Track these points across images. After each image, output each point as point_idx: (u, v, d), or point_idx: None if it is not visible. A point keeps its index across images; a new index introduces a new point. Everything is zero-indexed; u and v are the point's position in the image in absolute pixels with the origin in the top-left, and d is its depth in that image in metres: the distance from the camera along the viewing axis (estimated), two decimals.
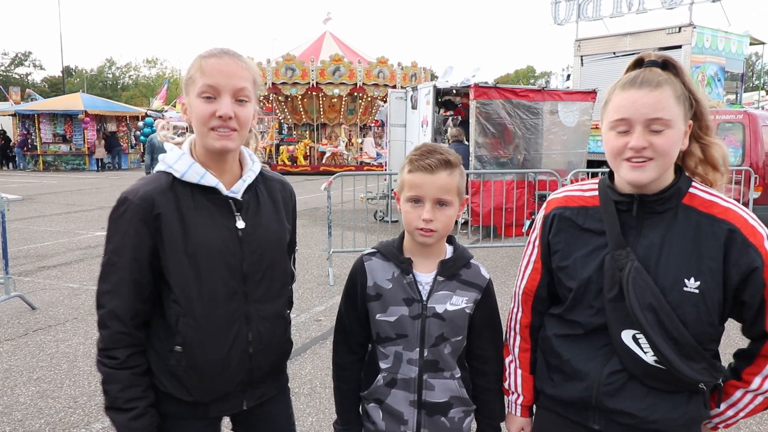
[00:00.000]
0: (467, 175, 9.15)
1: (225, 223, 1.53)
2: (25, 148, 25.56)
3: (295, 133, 25.50)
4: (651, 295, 1.34)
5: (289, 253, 1.74)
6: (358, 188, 10.90)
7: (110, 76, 67.88)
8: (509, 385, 1.68)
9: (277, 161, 22.97)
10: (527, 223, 7.87)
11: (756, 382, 1.42)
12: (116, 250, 1.48)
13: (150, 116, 27.82)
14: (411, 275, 1.59)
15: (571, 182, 7.45)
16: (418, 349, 1.58)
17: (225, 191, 1.54)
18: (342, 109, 24.22)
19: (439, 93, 10.62)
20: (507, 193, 8.26)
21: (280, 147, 23.48)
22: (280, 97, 23.95)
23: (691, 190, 1.39)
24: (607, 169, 1.51)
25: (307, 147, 23.22)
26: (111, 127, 26.59)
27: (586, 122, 10.09)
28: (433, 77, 24.49)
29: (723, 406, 1.47)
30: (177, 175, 1.50)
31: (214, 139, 1.48)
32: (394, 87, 21.75)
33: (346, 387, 1.71)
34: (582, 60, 14.21)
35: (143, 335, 1.53)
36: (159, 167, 1.55)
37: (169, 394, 1.53)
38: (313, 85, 22.42)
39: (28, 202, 14.07)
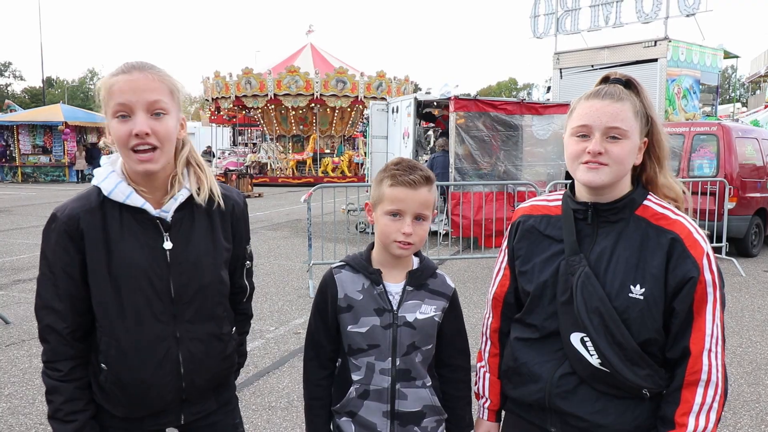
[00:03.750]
0: (448, 187, 9.22)
1: (151, 244, 1.50)
2: (3, 160, 25.21)
3: (278, 144, 25.50)
4: (598, 299, 1.39)
5: (238, 268, 1.72)
6: (339, 200, 10.92)
7: (92, 86, 67.35)
8: (479, 389, 1.73)
9: (318, 173, 22.84)
10: (504, 247, 7.93)
11: (691, 422, 1.35)
12: (49, 265, 1.49)
13: None
14: (381, 285, 1.62)
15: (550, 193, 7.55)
16: (390, 358, 1.61)
17: (153, 211, 1.51)
18: (313, 121, 24.17)
19: (420, 105, 10.71)
20: (487, 204, 8.32)
21: (323, 159, 23.36)
22: (244, 110, 24.21)
23: (645, 202, 1.46)
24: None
25: (351, 158, 23.20)
26: (92, 138, 26.35)
27: (563, 135, 10.23)
28: (417, 89, 24.66)
29: None
30: (105, 193, 1.49)
31: (136, 163, 1.44)
32: (356, 98, 21.98)
33: (318, 404, 1.71)
34: (561, 72, 14.44)
35: (85, 346, 1.53)
36: (93, 181, 1.54)
37: (102, 407, 1.55)
38: (271, 97, 22.54)
39: (5, 214, 13.87)
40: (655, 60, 12.78)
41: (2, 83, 59.68)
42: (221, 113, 25.82)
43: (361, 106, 22.83)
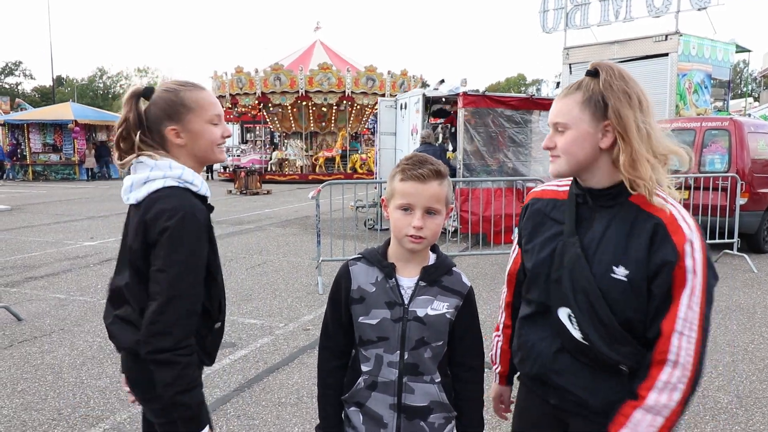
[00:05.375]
0: (455, 183, 9.19)
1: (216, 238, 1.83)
2: (15, 158, 25.42)
3: (286, 142, 25.56)
4: (585, 279, 1.48)
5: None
6: (348, 196, 10.91)
7: (101, 85, 67.73)
8: (492, 356, 1.91)
9: (346, 170, 22.87)
10: (516, 230, 7.90)
11: (651, 397, 1.40)
12: (196, 259, 1.64)
13: None
14: (393, 279, 1.64)
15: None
16: (398, 352, 1.62)
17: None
18: (333, 118, 24.29)
19: (428, 101, 10.67)
20: (495, 200, 8.29)
21: (352, 156, 23.37)
22: (270, 107, 23.96)
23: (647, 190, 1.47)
24: None
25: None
26: (101, 136, 26.51)
27: None
28: (425, 85, 24.62)
29: None
30: (194, 189, 1.70)
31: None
32: (383, 95, 21.87)
33: (330, 392, 1.73)
34: (571, 68, 14.33)
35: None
36: (166, 182, 1.64)
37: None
38: (302, 93, 22.45)
39: (17, 212, 14.00)
40: (666, 54, 12.65)
41: (13, 82, 60.15)
42: (237, 109, 25.56)
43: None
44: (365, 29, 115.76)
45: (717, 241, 7.95)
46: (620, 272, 1.43)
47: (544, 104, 9.78)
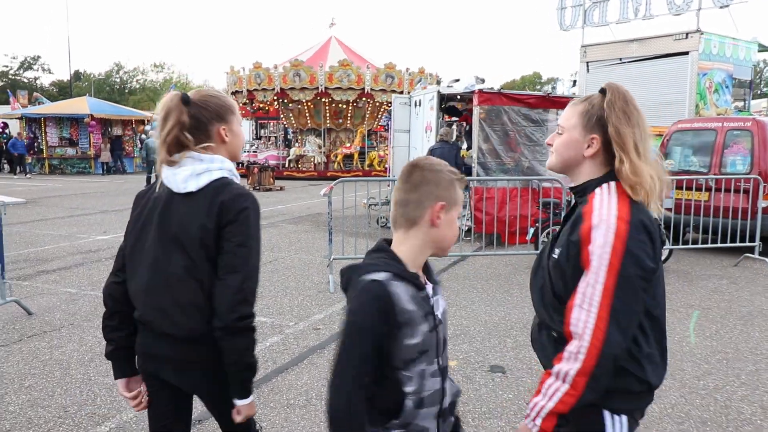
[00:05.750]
0: (470, 182, 9.09)
1: None
2: (32, 152, 25.66)
3: (304, 138, 25.53)
4: (543, 260, 1.74)
5: None
6: (361, 194, 10.83)
7: (118, 80, 68.22)
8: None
9: (364, 167, 22.85)
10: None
11: (557, 366, 1.56)
12: (257, 240, 1.87)
13: (155, 120, 27.92)
14: (424, 290, 1.56)
15: None
16: (436, 360, 1.58)
17: None
18: (349, 115, 24.21)
19: (443, 98, 10.55)
20: (511, 200, 8.16)
21: (370, 153, 23.34)
22: (287, 102, 23.86)
23: (598, 189, 1.63)
24: None
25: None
26: (117, 130, 26.67)
27: None
28: (439, 83, 24.44)
29: (536, 399, 1.60)
30: (237, 181, 1.92)
31: None
32: (401, 93, 21.70)
33: None
34: (588, 66, 14.13)
35: None
36: (223, 173, 1.86)
37: None
38: (321, 90, 22.35)
39: (32, 205, 14.10)
40: (686, 53, 12.40)
41: (31, 76, 60.82)
42: (254, 105, 25.47)
43: None
44: (378, 26, 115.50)
45: (738, 244, 7.76)
46: (555, 253, 1.66)
47: (562, 102, 9.61)
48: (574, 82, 20.05)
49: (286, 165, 24.06)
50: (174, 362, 1.83)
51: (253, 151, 26.14)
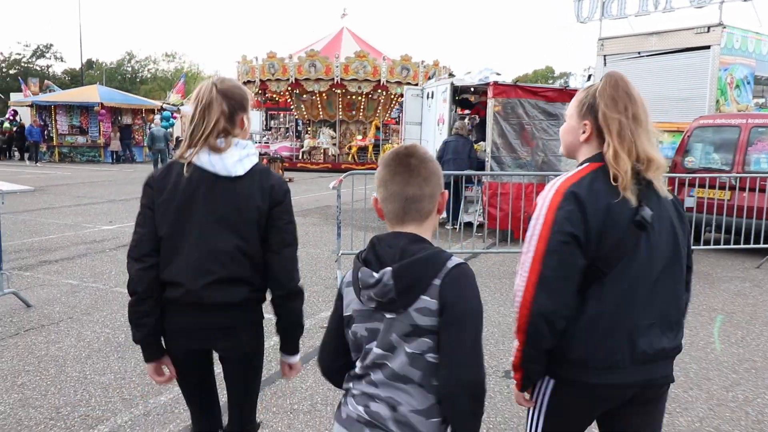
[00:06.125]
0: (482, 177, 8.83)
1: None
2: (43, 140, 25.64)
3: (310, 129, 25.28)
4: None
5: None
6: (371, 187, 10.60)
7: (129, 69, 68.24)
8: None
9: (378, 159, 22.69)
10: None
11: (515, 342, 1.71)
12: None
13: (166, 110, 27.82)
14: None
15: None
16: None
17: None
18: (362, 107, 23.94)
19: (456, 91, 10.29)
20: (526, 196, 7.91)
21: (384, 145, 23.10)
22: (300, 93, 23.56)
23: (577, 168, 1.74)
24: None
25: None
26: (126, 119, 26.58)
27: None
28: (451, 76, 24.11)
29: None
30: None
31: None
32: (416, 85, 21.45)
33: None
34: (605, 59, 13.77)
35: None
36: (256, 157, 2.04)
37: None
38: (337, 81, 22.07)
39: (40, 193, 14.01)
40: (708, 47, 12.03)
41: (44, 65, 60.91)
42: (267, 95, 25.17)
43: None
44: (389, 17, 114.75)
45: (761, 245, 7.48)
46: None
47: None
48: (589, 76, 19.68)
49: (300, 156, 23.86)
50: (224, 329, 1.99)
51: (265, 142, 25.93)
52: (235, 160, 1.96)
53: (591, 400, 1.68)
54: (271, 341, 4.51)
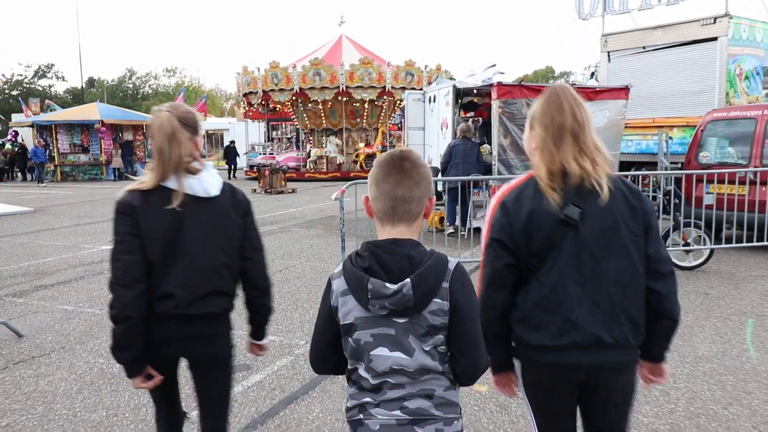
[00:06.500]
0: (487, 181, 8.52)
1: None
2: (47, 159, 25.53)
3: (312, 138, 25.05)
4: None
5: None
6: None
7: (131, 85, 68.38)
8: None
9: None
10: None
11: None
12: None
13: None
14: None
15: None
16: None
17: None
18: (365, 114, 23.71)
19: (459, 93, 10.02)
20: None
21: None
22: (304, 103, 23.29)
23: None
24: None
25: None
26: (127, 136, 26.46)
27: (619, 122, 9.38)
28: (451, 79, 23.87)
29: None
30: None
31: None
32: (420, 90, 21.22)
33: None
34: (609, 56, 13.48)
35: None
36: (220, 177, 2.20)
37: None
38: (342, 89, 21.82)
39: (40, 214, 13.81)
40: (715, 39, 11.73)
41: (45, 84, 61.11)
42: (269, 106, 24.88)
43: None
44: (384, 23, 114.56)
45: None
46: None
47: (585, 93, 9.04)
48: (592, 74, 19.36)
49: (306, 166, 23.60)
50: (204, 339, 2.14)
51: (269, 154, 25.67)
52: (211, 180, 2.11)
53: (547, 378, 1.86)
54: (275, 366, 4.25)
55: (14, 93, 55.70)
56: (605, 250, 1.76)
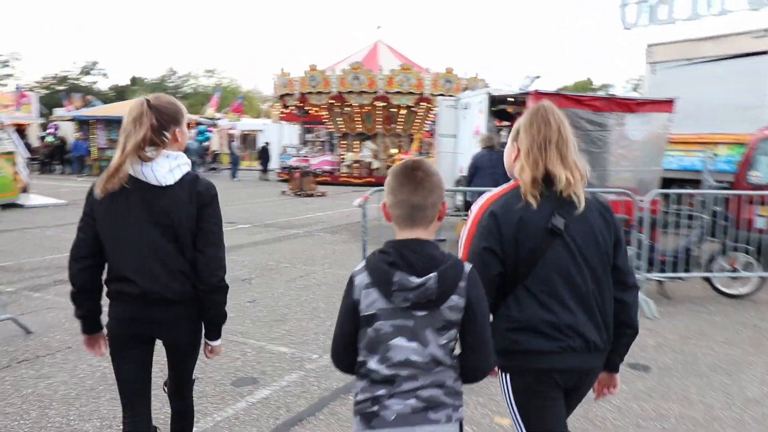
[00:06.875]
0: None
1: None
2: (87, 153, 26.06)
3: (345, 143, 24.92)
4: None
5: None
6: None
7: (171, 84, 69.76)
8: None
9: None
10: None
11: None
12: (222, 219, 2.38)
13: (202, 124, 27.96)
14: None
15: (651, 204, 6.39)
16: None
17: None
18: (400, 120, 23.51)
19: (493, 101, 9.69)
20: None
21: (426, 158, 22.88)
22: (341, 106, 23.19)
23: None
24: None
25: None
26: None
27: (662, 136, 8.89)
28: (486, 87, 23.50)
29: None
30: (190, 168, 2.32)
31: None
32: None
33: None
34: (654, 67, 12.95)
35: None
36: (188, 167, 2.22)
37: None
38: (380, 94, 21.69)
39: (72, 207, 14.00)
40: (767, 52, 11.13)
41: (89, 81, 62.69)
42: (305, 108, 24.85)
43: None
44: (420, 29, 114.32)
45: None
46: None
47: (629, 105, 8.60)
48: (635, 86, 18.72)
49: (341, 170, 23.50)
50: (169, 323, 2.20)
51: (303, 156, 25.64)
52: (166, 170, 2.12)
53: (539, 383, 1.88)
54: (283, 381, 3.95)
55: (60, 88, 57.40)
56: (587, 259, 1.85)
